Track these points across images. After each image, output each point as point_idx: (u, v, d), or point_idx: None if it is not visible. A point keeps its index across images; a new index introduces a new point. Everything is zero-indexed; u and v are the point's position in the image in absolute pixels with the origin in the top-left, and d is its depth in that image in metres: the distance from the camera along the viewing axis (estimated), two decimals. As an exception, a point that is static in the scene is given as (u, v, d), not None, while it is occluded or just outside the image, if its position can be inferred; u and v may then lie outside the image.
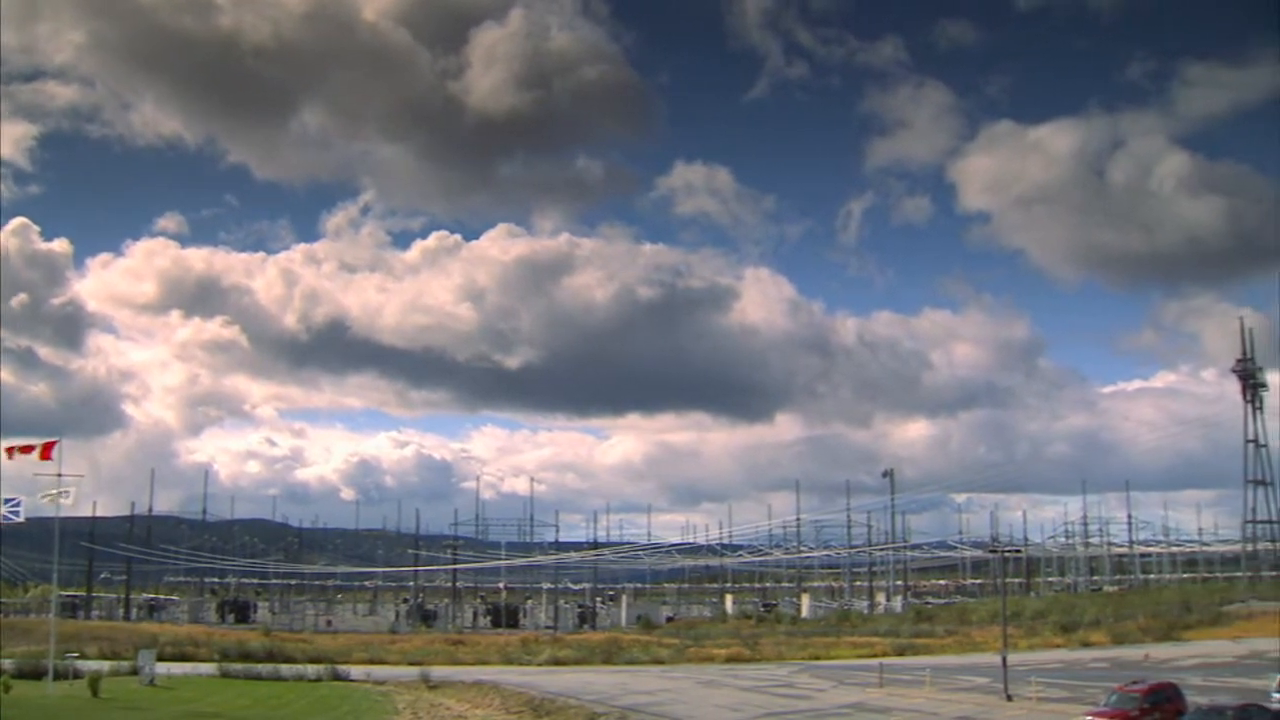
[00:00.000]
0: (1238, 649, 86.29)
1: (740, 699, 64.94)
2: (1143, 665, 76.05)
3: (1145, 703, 47.29)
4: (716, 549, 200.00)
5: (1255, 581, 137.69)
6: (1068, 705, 55.60)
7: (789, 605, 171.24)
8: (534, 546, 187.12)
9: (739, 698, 65.55)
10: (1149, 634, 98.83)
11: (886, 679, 68.35)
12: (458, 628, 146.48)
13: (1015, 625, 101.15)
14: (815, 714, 57.92)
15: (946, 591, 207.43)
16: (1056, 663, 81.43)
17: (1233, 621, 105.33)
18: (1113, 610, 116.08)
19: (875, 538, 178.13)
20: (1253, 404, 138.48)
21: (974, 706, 57.99)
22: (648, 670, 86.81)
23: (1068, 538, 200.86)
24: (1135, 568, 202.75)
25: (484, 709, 64.12)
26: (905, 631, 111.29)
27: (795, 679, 76.22)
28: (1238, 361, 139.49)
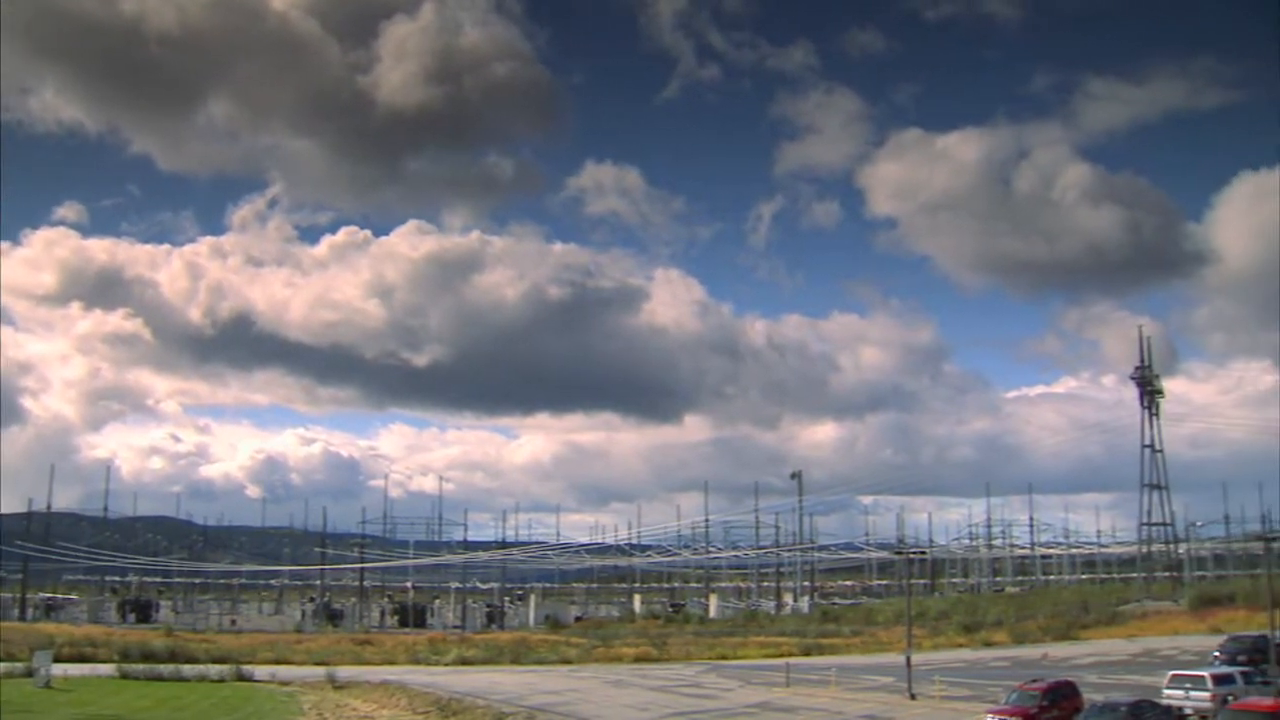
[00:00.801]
0: (1132, 648, 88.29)
1: (648, 699, 65.15)
2: (1042, 664, 77.54)
3: (1044, 700, 48.39)
4: (625, 549, 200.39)
5: (1150, 582, 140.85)
6: (970, 704, 56.58)
7: (697, 605, 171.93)
8: (442, 546, 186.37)
9: (646, 697, 65.76)
10: (1048, 633, 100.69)
11: (793, 679, 68.95)
12: (365, 627, 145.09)
13: (920, 625, 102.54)
14: (722, 713, 58.27)
15: (853, 592, 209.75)
16: (959, 662, 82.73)
17: (1128, 621, 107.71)
18: (1014, 611, 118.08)
19: (783, 539, 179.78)
20: (1150, 410, 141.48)
21: (878, 705, 58.73)
22: (555, 670, 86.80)
23: (971, 539, 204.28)
24: (1036, 569, 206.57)
25: (391, 709, 63.80)
26: (811, 632, 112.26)
27: (702, 679, 76.59)
28: (1136, 369, 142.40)
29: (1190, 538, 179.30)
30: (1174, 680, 52.15)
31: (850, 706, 58.66)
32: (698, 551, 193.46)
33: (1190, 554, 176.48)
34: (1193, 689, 50.85)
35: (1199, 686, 50.88)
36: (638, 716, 57.81)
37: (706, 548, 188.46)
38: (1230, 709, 43.86)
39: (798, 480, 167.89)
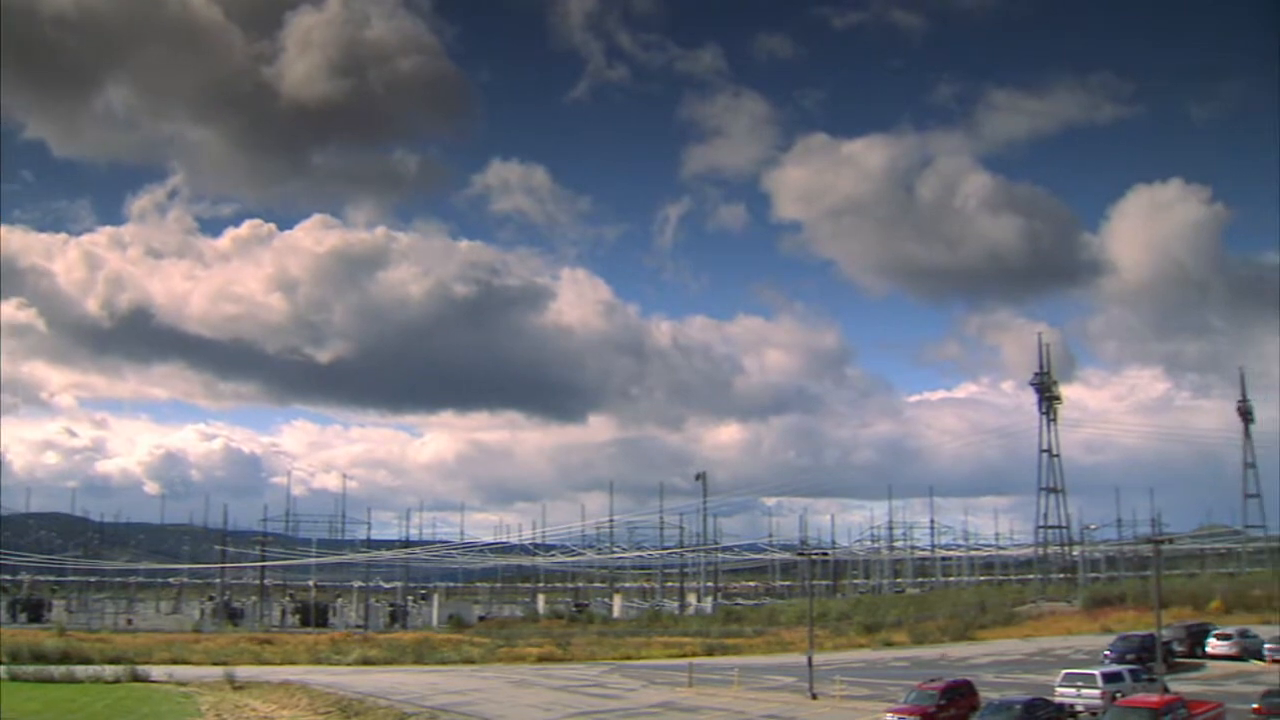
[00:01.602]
0: (1027, 647, 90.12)
1: (551, 699, 65.22)
2: (940, 663, 78.88)
3: (942, 699, 49.43)
4: (529, 549, 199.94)
5: (1046, 584, 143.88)
6: (870, 703, 57.45)
7: (601, 605, 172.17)
8: (345, 544, 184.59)
9: (550, 697, 65.83)
10: (947, 634, 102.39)
11: (696, 678, 69.37)
12: (265, 626, 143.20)
13: (822, 626, 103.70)
14: (625, 713, 58.54)
15: (756, 593, 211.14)
16: (860, 662, 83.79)
17: (1024, 621, 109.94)
18: (914, 611, 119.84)
19: (687, 539, 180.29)
20: (1047, 415, 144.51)
21: (780, 705, 59.37)
22: (459, 670, 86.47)
23: (873, 541, 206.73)
24: (936, 570, 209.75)
25: (291, 710, 63.14)
26: (715, 632, 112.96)
27: (606, 679, 76.79)
28: (1035, 375, 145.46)
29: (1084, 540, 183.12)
30: (1066, 679, 53.61)
31: (753, 706, 59.24)
32: (602, 551, 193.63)
33: (1084, 556, 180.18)
34: (1084, 687, 52.30)
35: (1090, 685, 52.36)
36: (541, 717, 57.88)
37: (611, 548, 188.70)
38: (1118, 705, 45.16)
39: (702, 481, 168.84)
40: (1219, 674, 69.25)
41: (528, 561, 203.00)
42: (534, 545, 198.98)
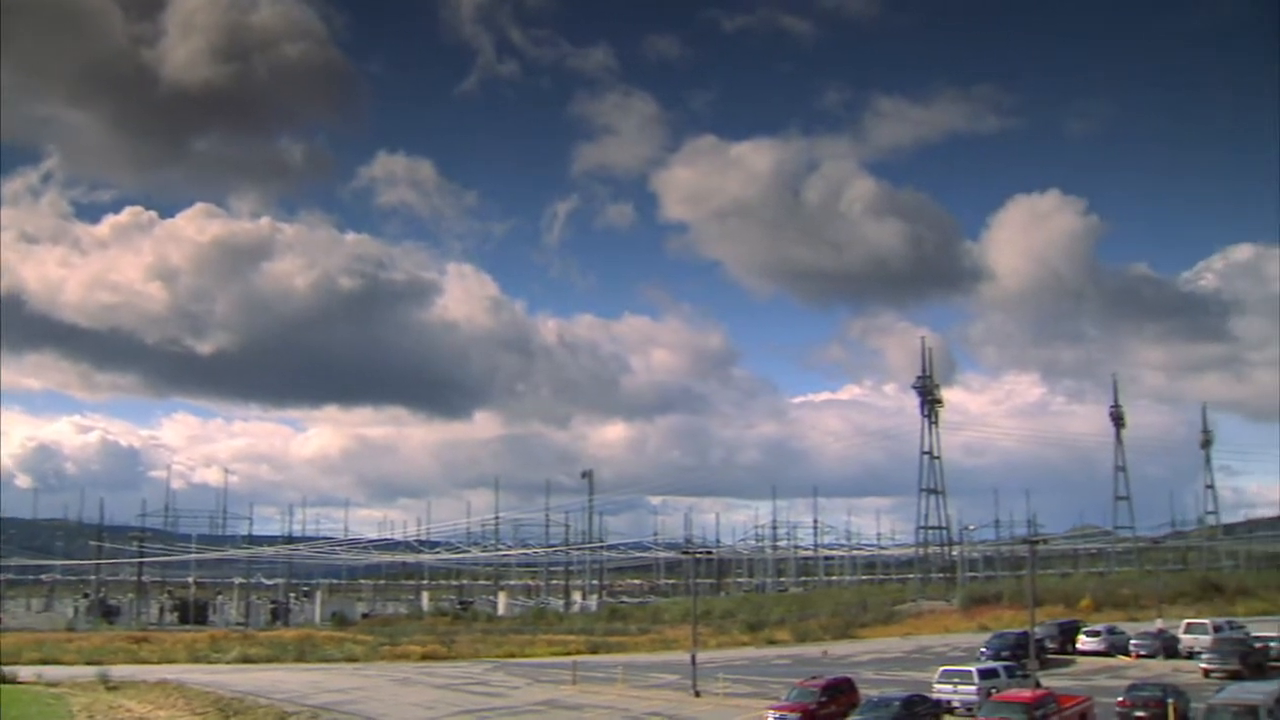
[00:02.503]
0: (907, 645, 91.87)
1: (434, 697, 64.98)
2: (822, 661, 79.99)
3: (823, 696, 50.25)
4: (414, 546, 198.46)
5: (925, 583, 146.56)
6: (752, 700, 58.16)
7: (486, 603, 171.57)
8: (226, 540, 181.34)
9: (433, 695, 65.58)
10: (829, 632, 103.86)
11: (580, 676, 69.60)
12: (142, 624, 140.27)
13: (705, 624, 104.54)
14: (509, 711, 58.53)
15: (641, 591, 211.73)
16: (743, 660, 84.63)
17: (904, 620, 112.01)
18: (797, 610, 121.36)
19: (572, 537, 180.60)
20: (929, 418, 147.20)
21: (664, 703, 59.82)
22: (341, 668, 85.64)
23: (757, 540, 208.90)
24: (819, 569, 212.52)
25: (167, 710, 62.00)
26: (600, 630, 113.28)
27: (490, 677, 76.65)
28: (918, 378, 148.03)
29: (963, 541, 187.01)
30: (944, 675, 54.81)
31: (637, 704, 59.59)
32: (487, 549, 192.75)
33: (963, 556, 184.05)
34: (960, 683, 53.52)
35: (966, 681, 53.59)
36: (424, 715, 57.64)
37: (496, 545, 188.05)
38: (993, 701, 46.29)
39: (588, 479, 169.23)
40: (1088, 669, 71.43)
41: (412, 559, 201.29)
42: (419, 542, 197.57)
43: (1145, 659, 74.73)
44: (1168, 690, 49.08)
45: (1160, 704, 47.50)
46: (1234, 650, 65.71)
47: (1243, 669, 62.83)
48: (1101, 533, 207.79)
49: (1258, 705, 41.44)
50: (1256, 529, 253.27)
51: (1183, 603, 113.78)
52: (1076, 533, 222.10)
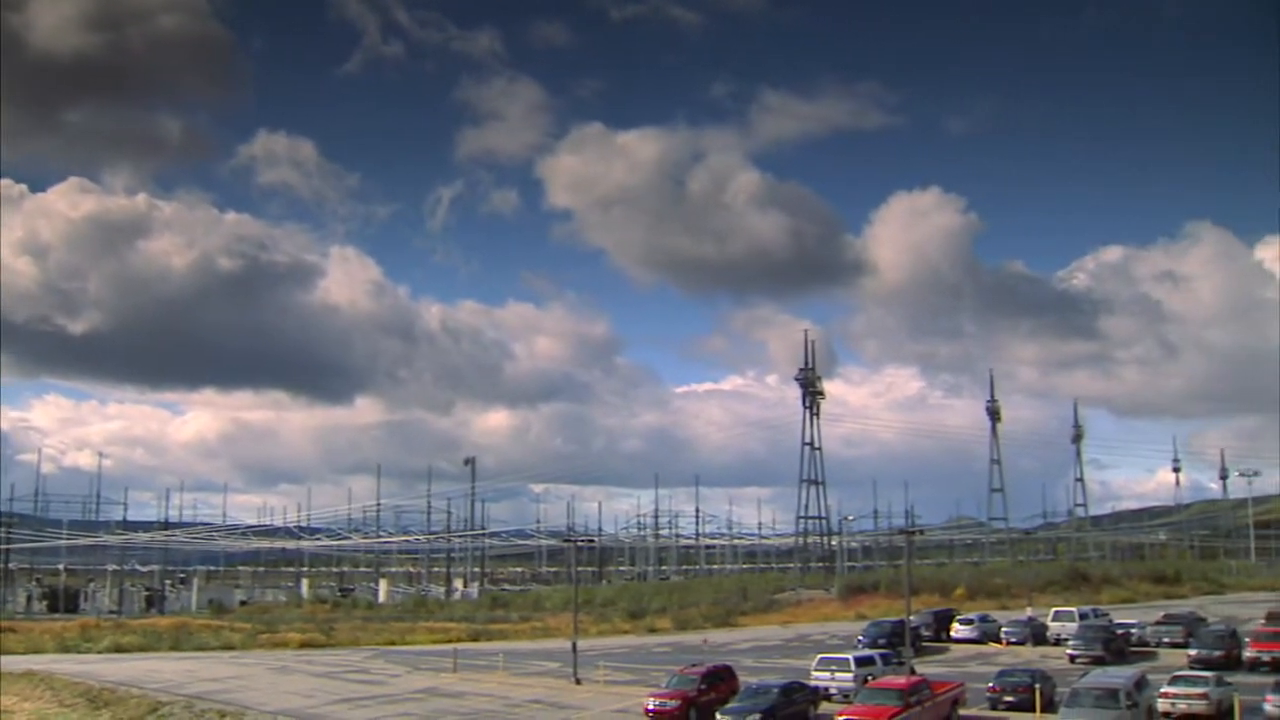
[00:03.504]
0: (786, 633, 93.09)
1: (313, 685, 64.38)
2: (702, 649, 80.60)
3: (702, 684, 50.79)
4: (294, 532, 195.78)
5: (805, 572, 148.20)
6: (633, 688, 58.53)
7: (367, 590, 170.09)
8: (99, 525, 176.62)
9: (312, 684, 64.97)
10: (709, 620, 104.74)
11: (461, 664, 69.49)
12: (9, 614, 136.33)
13: (587, 612, 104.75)
14: (389, 699, 58.23)
15: (523, 579, 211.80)
16: (624, 648, 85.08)
17: (784, 608, 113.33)
18: (678, 598, 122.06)
19: (454, 525, 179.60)
20: (810, 410, 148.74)
21: (545, 690, 59.99)
22: (218, 656, 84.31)
23: (639, 529, 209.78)
24: (700, 558, 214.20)
25: (34, 702, 60.67)
26: (481, 618, 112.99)
27: (370, 664, 76.11)
28: (800, 370, 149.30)
29: (842, 531, 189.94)
30: (821, 663, 55.85)
31: (517, 691, 59.70)
32: (368, 536, 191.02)
33: (842, 546, 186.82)
34: (838, 671, 54.59)
35: (843, 668, 54.69)
36: (302, 703, 57.06)
37: (377, 532, 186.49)
38: (869, 687, 47.31)
39: (470, 466, 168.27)
40: (961, 656, 73.24)
41: (292, 545, 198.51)
42: (298, 528, 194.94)
43: (1015, 646, 76.88)
44: (1035, 675, 50.85)
45: (1028, 689, 49.19)
46: (1098, 637, 68.06)
47: (1106, 654, 65.16)
48: (976, 524, 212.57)
49: (1118, 689, 43.14)
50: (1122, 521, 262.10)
51: (1052, 592, 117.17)
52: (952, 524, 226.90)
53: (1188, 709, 46.02)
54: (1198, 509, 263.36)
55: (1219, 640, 64.00)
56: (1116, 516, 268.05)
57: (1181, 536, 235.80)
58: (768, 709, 46.04)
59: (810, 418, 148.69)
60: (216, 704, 56.57)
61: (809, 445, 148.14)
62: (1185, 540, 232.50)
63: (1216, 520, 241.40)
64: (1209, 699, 46.12)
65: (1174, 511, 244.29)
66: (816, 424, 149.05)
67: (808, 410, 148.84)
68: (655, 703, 49.45)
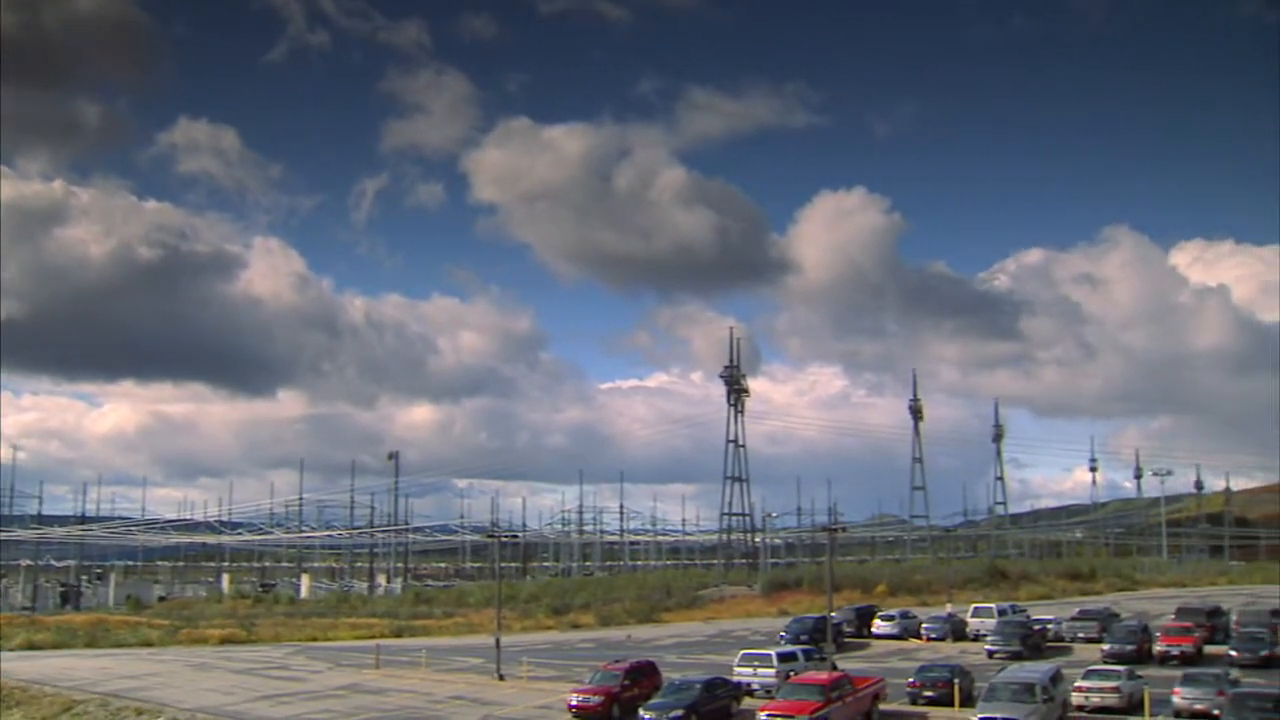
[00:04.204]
0: (709, 629, 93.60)
1: (233, 682, 63.69)
2: (625, 645, 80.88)
3: (625, 679, 50.91)
4: (214, 526, 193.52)
5: (728, 568, 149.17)
6: (556, 683, 58.59)
7: (289, 586, 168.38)
8: (13, 520, 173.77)
9: (231, 680, 64.27)
10: (633, 616, 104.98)
11: (384, 660, 69.05)
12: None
13: (510, 608, 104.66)
14: (310, 696, 57.78)
15: (446, 574, 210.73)
16: (548, 643, 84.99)
17: (707, 605, 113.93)
18: (602, 594, 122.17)
19: (378, 520, 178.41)
20: (735, 407, 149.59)
21: (467, 686, 59.84)
22: (136, 653, 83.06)
23: (563, 525, 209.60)
24: (625, 554, 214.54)
25: (-58, 700, 59.38)
26: (404, 613, 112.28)
27: (291, 661, 75.42)
28: (725, 368, 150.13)
29: (766, 528, 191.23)
30: (744, 659, 56.20)
31: (440, 688, 59.50)
32: (291, 530, 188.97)
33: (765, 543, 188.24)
34: (760, 666, 54.94)
35: (766, 664, 55.04)
36: (221, 700, 56.44)
37: (300, 527, 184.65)
38: (791, 683, 47.67)
39: (394, 461, 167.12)
40: (882, 652, 74.06)
41: (212, 540, 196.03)
42: (219, 523, 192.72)
43: (935, 642, 77.95)
44: (954, 671, 51.65)
45: (947, 684, 49.99)
46: (1016, 633, 69.17)
47: (1023, 650, 66.24)
48: (898, 521, 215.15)
49: (1034, 683, 44.07)
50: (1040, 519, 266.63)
51: (972, 588, 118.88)
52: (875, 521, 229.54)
53: (1100, 701, 47.30)
54: (1113, 507, 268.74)
55: (1131, 635, 65.57)
56: (1035, 514, 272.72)
57: (1097, 534, 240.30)
58: (690, 705, 46.30)
59: (735, 415, 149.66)
60: (133, 701, 55.84)
61: (733, 442, 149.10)
62: (1101, 538, 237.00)
63: (1131, 518, 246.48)
64: (1121, 692, 47.41)
65: (1090, 510, 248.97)
66: (741, 421, 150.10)
67: (732, 408, 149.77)
68: (578, 698, 49.50)
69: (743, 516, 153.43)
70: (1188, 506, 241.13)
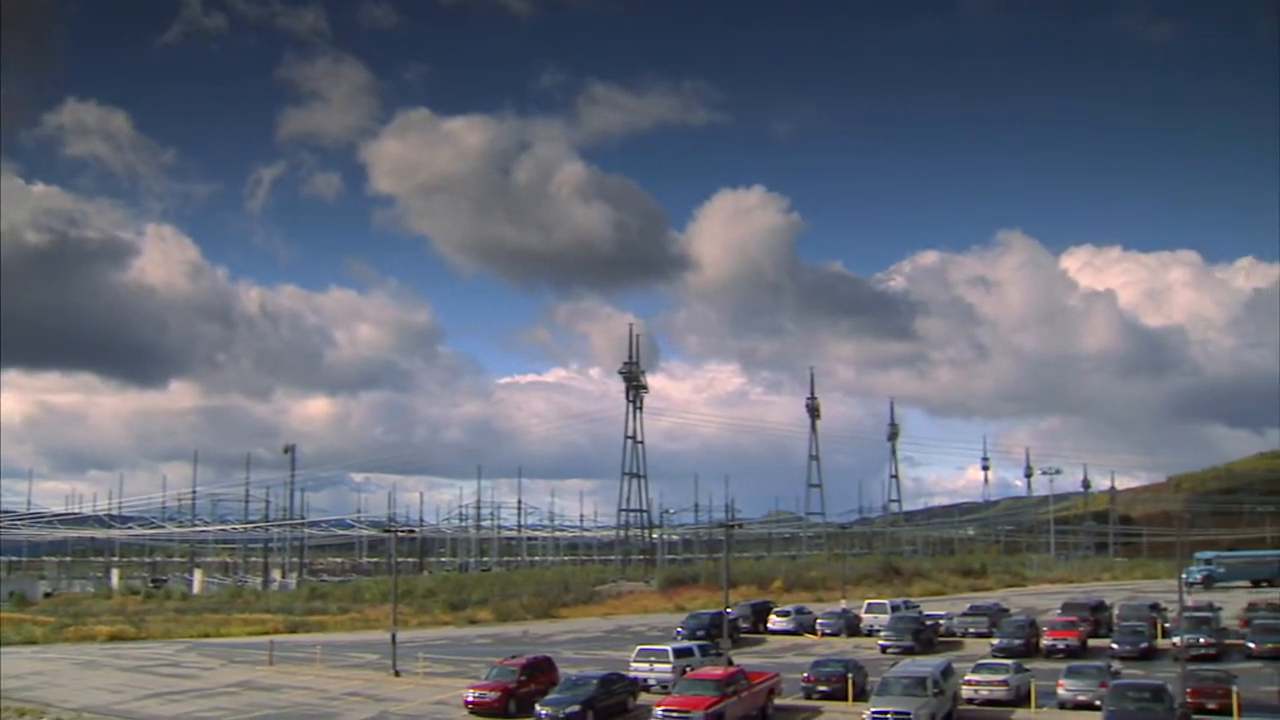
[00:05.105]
0: (607, 625, 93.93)
1: (121, 680, 62.56)
2: (522, 640, 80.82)
3: (522, 675, 51.01)
4: (104, 520, 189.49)
5: (626, 564, 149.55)
6: (452, 679, 58.45)
7: (181, 581, 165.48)
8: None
9: (120, 679, 63.13)
10: (531, 612, 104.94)
11: (278, 656, 68.37)
12: None
13: (407, 603, 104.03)
14: (201, 693, 56.96)
15: (343, 570, 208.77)
16: (444, 639, 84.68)
17: (604, 600, 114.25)
18: (499, 589, 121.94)
19: (273, 514, 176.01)
20: (634, 404, 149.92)
21: (363, 683, 59.45)
22: (19, 652, 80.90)
23: (461, 520, 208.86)
24: (522, 550, 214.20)
25: None
26: (299, 609, 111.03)
27: (182, 657, 74.22)
28: (624, 364, 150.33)
29: (663, 524, 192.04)
30: (640, 654, 56.63)
31: (334, 684, 59.04)
32: (183, 525, 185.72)
33: (663, 539, 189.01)
34: (656, 662, 55.38)
35: (662, 660, 55.47)
36: (109, 699, 55.45)
37: (193, 521, 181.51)
38: (687, 678, 48.06)
39: (290, 454, 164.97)
40: (778, 647, 74.95)
41: (102, 534, 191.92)
42: (109, 517, 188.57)
43: (830, 637, 79.08)
44: (848, 665, 52.56)
45: (841, 678, 50.81)
46: (908, 628, 70.48)
47: (916, 645, 67.61)
48: (794, 518, 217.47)
49: (925, 677, 44.95)
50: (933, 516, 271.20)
51: (866, 585, 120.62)
52: (771, 518, 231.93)
53: (989, 694, 48.62)
54: (1004, 505, 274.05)
55: (1020, 630, 67.19)
56: (929, 512, 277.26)
57: (989, 532, 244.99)
58: (587, 700, 46.48)
59: (633, 411, 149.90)
60: (16, 701, 54.59)
61: (631, 439, 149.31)
62: (992, 535, 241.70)
63: (1021, 516, 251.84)
64: (1009, 685, 48.75)
65: (982, 508, 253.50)
66: (639, 418, 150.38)
67: (631, 404, 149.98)
68: (474, 694, 49.49)
69: (641, 513, 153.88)
70: (1075, 505, 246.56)
